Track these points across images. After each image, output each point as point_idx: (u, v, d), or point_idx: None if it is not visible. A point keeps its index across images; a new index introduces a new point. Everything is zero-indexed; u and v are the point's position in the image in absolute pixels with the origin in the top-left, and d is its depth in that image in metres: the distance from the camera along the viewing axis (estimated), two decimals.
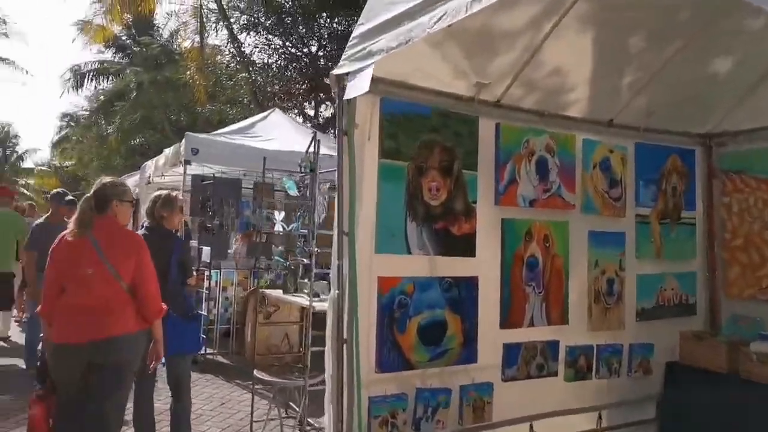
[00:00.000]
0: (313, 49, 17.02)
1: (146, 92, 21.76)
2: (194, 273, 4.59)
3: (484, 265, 3.35)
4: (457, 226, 3.21)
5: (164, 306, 3.22)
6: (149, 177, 8.97)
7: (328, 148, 5.61)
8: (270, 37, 16.49)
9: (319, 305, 4.05)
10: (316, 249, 4.11)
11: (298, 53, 16.78)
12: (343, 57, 2.78)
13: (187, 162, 6.83)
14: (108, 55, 24.12)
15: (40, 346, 3.38)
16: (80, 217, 3.08)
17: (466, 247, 3.25)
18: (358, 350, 2.81)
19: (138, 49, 23.43)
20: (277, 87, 17.00)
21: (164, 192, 4.03)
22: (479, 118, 3.35)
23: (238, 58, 16.21)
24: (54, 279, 3.05)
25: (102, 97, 24.85)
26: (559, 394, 3.62)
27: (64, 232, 3.10)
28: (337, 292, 2.86)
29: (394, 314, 3.02)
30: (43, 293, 3.11)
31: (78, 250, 3.01)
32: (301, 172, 4.62)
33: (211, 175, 7.09)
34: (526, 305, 3.47)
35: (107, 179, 3.26)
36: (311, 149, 4.34)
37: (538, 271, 3.51)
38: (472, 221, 3.27)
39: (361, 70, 2.61)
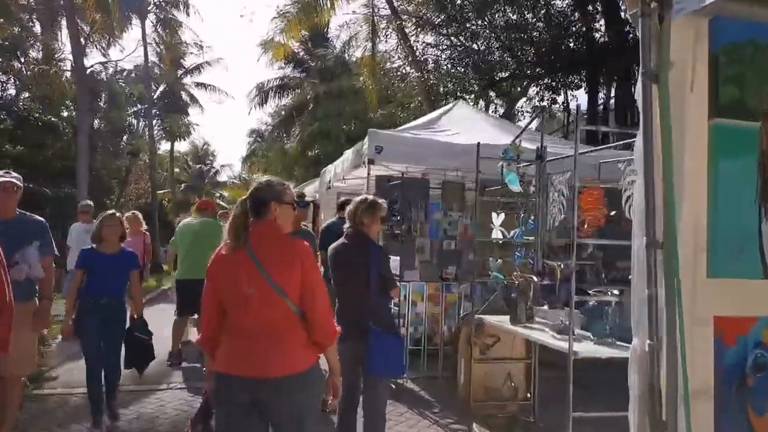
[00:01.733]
0: (487, 43, 15.94)
1: (322, 103, 22.41)
2: (397, 284, 3.92)
3: None
4: None
5: (339, 328, 2.62)
6: (329, 182, 8.55)
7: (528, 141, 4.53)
8: (441, 34, 15.80)
9: (556, 342, 2.97)
10: (558, 264, 2.99)
11: (470, 48, 15.81)
12: None
13: (371, 161, 6.13)
14: (288, 70, 25.31)
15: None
16: (234, 225, 2.52)
17: None
18: None
19: (314, 64, 24.36)
20: (450, 85, 16.21)
21: (370, 196, 3.61)
22: None
23: (410, 59, 15.72)
24: (213, 302, 2.56)
25: (283, 112, 26.25)
26: None
27: (220, 246, 2.60)
28: (649, 343, 1.71)
29: (747, 381, 1.78)
30: (202, 320, 2.69)
31: (236, 265, 2.47)
32: (517, 163, 3.57)
33: (398, 175, 6.28)
34: None
35: (263, 179, 2.69)
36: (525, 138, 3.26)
37: None
38: None
39: None
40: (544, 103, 16.00)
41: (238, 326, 2.45)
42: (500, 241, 3.86)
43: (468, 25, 15.18)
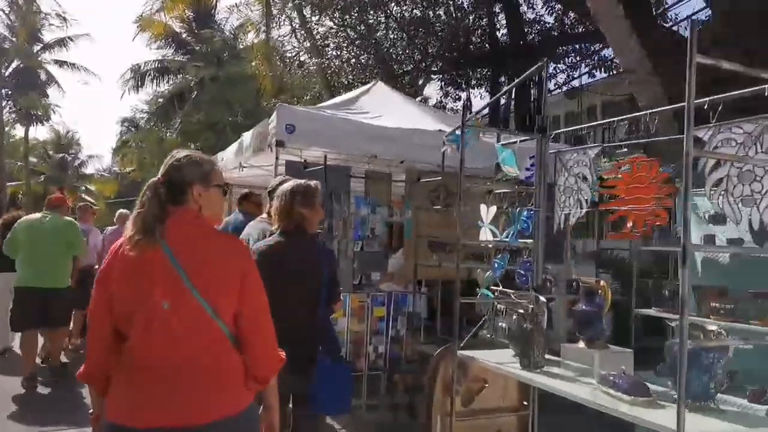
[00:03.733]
0: (387, 34, 15.19)
1: (208, 90, 20.42)
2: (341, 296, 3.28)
3: None
4: None
5: (283, 355, 2.01)
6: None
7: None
8: (340, 24, 14.77)
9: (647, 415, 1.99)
10: (598, 280, 2.05)
11: (372, 39, 14.95)
12: None
13: (280, 144, 4.93)
14: (168, 51, 22.96)
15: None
16: (144, 214, 1.84)
17: None
18: None
19: (198, 47, 22.24)
20: (351, 76, 15.22)
21: (301, 181, 2.86)
22: None
23: (308, 44, 14.52)
24: (104, 320, 1.86)
25: (161, 99, 23.78)
26: None
27: (117, 242, 1.91)
28: None
29: None
30: (88, 343, 1.94)
31: (145, 269, 1.80)
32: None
33: (318, 161, 5.11)
34: None
35: (182, 153, 1.99)
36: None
37: None
38: None
39: None
40: (448, 99, 15.56)
41: (145, 355, 1.77)
42: (490, 245, 2.87)
43: (366, 17, 14.34)
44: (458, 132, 3.34)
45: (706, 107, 2.20)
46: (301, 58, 15.39)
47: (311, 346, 2.77)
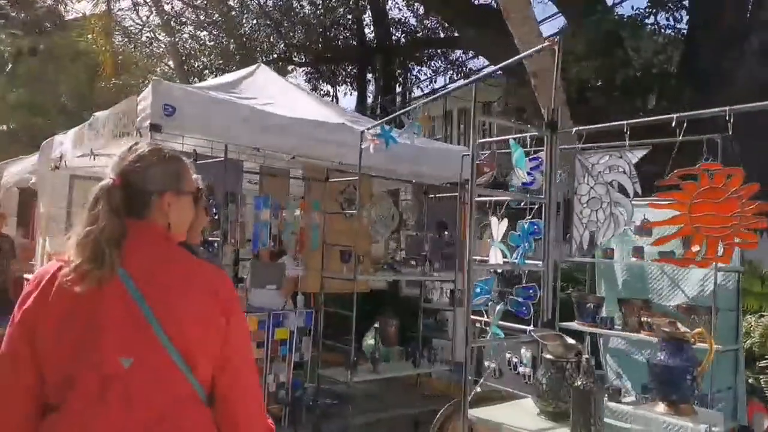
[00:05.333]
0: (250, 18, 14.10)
1: (26, 64, 17.34)
2: None
3: None
4: None
5: (272, 423, 1.49)
6: (59, 158, 5.82)
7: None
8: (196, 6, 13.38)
9: None
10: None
11: (233, 22, 13.75)
12: None
13: (155, 128, 3.95)
14: None
15: None
16: (95, 234, 1.32)
17: None
18: None
19: (15, 13, 18.87)
20: (205, 59, 13.80)
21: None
22: None
23: (158, 20, 12.88)
24: (24, 381, 1.32)
25: None
26: None
27: (53, 267, 1.37)
28: None
29: None
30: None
31: (94, 311, 1.30)
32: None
33: (204, 152, 4.17)
34: None
35: (143, 146, 1.48)
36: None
37: None
38: None
39: None
40: (315, 93, 14.90)
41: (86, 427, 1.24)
42: (499, 269, 2.29)
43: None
44: (386, 127, 2.77)
45: None
46: (147, 35, 13.64)
47: None
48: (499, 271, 2.70)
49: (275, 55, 14.21)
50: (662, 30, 8.80)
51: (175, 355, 1.30)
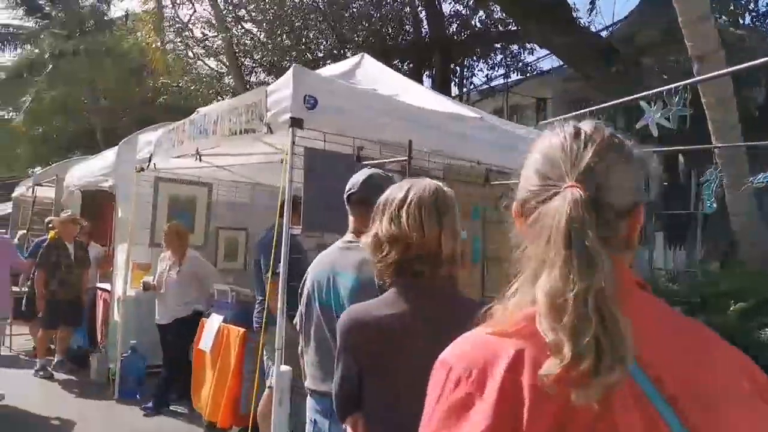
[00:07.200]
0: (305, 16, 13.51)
1: (68, 64, 16.97)
2: None
3: None
4: None
5: None
6: (148, 159, 5.24)
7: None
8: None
9: None
10: None
11: (286, 18, 13.18)
12: None
13: (296, 123, 3.32)
14: (19, 12, 18.93)
15: None
16: (591, 297, 0.75)
17: None
18: None
19: (54, 13, 18.55)
20: (256, 56, 13.21)
21: (426, 182, 1.59)
22: None
23: (214, 21, 12.31)
24: None
25: (2, 74, 19.61)
26: None
27: (501, 348, 0.81)
28: None
29: None
30: None
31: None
32: None
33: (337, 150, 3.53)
34: None
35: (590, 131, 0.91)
36: None
37: None
38: None
39: None
40: None
41: None
42: None
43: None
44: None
45: None
46: (199, 32, 13.13)
47: None
48: None
49: (327, 51, 13.64)
50: None
51: None
